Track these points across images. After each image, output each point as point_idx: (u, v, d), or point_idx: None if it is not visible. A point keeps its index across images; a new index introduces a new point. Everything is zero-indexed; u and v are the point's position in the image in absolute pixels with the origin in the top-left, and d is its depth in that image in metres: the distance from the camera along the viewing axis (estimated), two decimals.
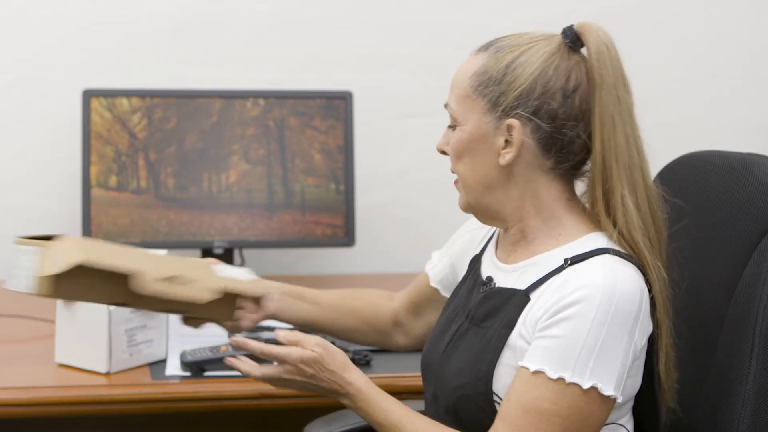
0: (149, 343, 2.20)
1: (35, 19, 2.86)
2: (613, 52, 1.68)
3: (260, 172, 2.76)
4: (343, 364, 1.75)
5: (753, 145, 2.83)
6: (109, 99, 2.72)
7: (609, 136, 1.65)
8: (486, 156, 1.69)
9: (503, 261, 1.76)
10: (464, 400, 1.69)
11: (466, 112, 1.69)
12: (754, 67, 3.14)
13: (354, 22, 2.97)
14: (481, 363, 1.67)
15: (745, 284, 1.71)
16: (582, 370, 1.58)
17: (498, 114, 1.67)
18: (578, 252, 1.66)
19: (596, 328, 1.58)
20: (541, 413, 1.59)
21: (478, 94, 1.68)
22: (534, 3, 2.99)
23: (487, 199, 1.72)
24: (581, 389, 1.58)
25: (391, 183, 3.01)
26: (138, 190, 2.73)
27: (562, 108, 1.65)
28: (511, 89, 1.66)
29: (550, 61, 1.66)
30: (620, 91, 1.67)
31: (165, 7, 2.90)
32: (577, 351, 1.58)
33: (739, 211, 1.77)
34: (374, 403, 1.72)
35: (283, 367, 1.76)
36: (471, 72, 1.69)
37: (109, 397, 2.07)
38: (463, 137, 1.70)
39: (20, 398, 2.03)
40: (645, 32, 3.08)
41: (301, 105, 2.78)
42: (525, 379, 1.61)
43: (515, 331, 1.66)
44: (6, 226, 2.89)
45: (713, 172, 1.86)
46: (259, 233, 2.77)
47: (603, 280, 1.59)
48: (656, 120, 3.05)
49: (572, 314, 1.59)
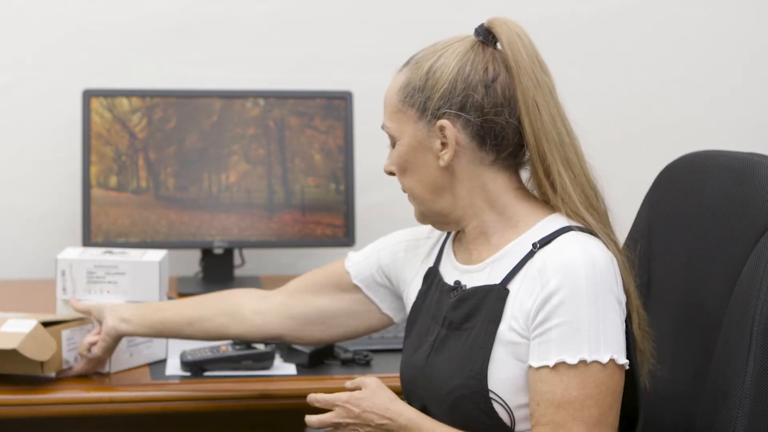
0: (149, 343, 2.20)
1: (35, 19, 2.86)
2: (525, 39, 1.72)
3: (260, 172, 2.76)
4: (389, 398, 1.74)
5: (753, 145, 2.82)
6: (109, 99, 2.72)
7: (535, 118, 1.69)
8: (426, 162, 1.74)
9: (466, 263, 1.77)
10: (461, 402, 1.68)
11: (400, 126, 1.75)
12: (754, 67, 3.14)
13: (354, 22, 2.97)
14: (472, 362, 1.68)
15: (743, 284, 1.71)
16: (596, 347, 1.61)
17: (428, 118, 1.72)
18: (543, 235, 1.69)
19: (591, 303, 1.61)
20: (573, 402, 1.61)
21: (407, 106, 1.74)
22: (534, 3, 2.99)
23: (438, 204, 1.75)
24: (601, 365, 1.61)
25: (391, 183, 2.99)
26: (138, 190, 2.73)
27: (486, 99, 1.69)
28: (435, 92, 1.71)
29: (466, 58, 1.71)
30: (538, 74, 1.70)
31: (165, 7, 2.90)
32: (584, 330, 1.61)
33: (739, 211, 1.77)
34: (430, 429, 1.70)
35: (335, 411, 1.77)
36: (397, 88, 1.76)
37: (109, 398, 2.07)
38: (402, 150, 1.76)
39: (21, 398, 2.03)
40: (645, 32, 3.08)
41: (301, 105, 2.78)
42: (546, 377, 1.62)
43: (503, 324, 1.67)
44: (6, 226, 2.89)
45: (713, 171, 1.86)
46: (259, 233, 2.77)
47: (580, 256, 1.63)
48: (656, 120, 3.09)
49: (563, 298, 1.61)
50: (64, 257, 2.16)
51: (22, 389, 2.03)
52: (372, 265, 1.95)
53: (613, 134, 3.04)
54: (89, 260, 2.16)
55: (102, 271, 2.15)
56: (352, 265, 1.97)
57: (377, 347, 2.28)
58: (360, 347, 2.26)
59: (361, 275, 1.96)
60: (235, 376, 2.13)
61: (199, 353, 2.15)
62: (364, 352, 2.24)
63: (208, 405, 2.09)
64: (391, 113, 1.77)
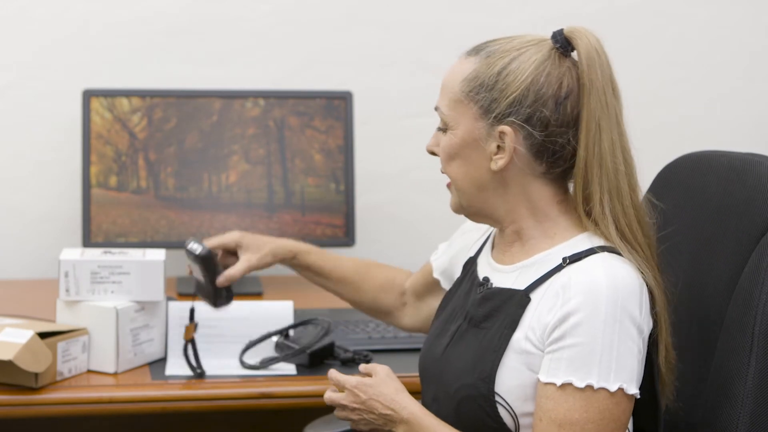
0: (150, 342, 2.20)
1: (35, 19, 2.86)
2: (603, 57, 1.67)
3: (260, 172, 2.76)
4: (396, 390, 1.74)
5: (753, 145, 2.83)
6: (109, 99, 2.72)
7: (594, 142, 1.66)
8: (477, 160, 1.70)
9: (500, 262, 1.77)
10: (467, 402, 1.68)
11: (458, 117, 1.70)
12: (754, 67, 3.14)
13: (354, 22, 2.97)
14: (483, 364, 1.67)
15: (745, 283, 1.71)
16: (606, 374, 1.59)
17: (490, 120, 1.67)
18: (575, 251, 1.67)
19: (609, 328, 1.59)
20: (574, 424, 1.59)
21: (470, 100, 1.69)
22: (534, 3, 2.99)
23: (480, 201, 1.73)
24: (608, 392, 1.59)
25: (391, 183, 3.01)
26: (138, 190, 2.73)
27: (554, 115, 1.66)
28: (504, 96, 1.66)
29: (542, 68, 1.66)
30: (608, 97, 1.67)
31: (165, 7, 2.90)
32: (597, 355, 1.59)
33: (739, 211, 1.77)
34: (431, 427, 1.70)
35: (344, 393, 1.78)
36: (462, 76, 1.70)
37: (109, 397, 2.06)
38: (454, 141, 1.71)
39: (21, 398, 2.03)
40: (645, 32, 3.08)
41: (301, 105, 2.78)
42: (552, 395, 1.61)
43: (519, 332, 1.66)
44: (6, 226, 2.89)
45: (713, 171, 1.86)
46: (259, 233, 2.76)
47: (605, 279, 1.60)
48: (656, 120, 3.09)
49: (581, 320, 1.59)
50: (66, 258, 2.16)
51: (22, 389, 2.03)
52: (448, 259, 1.96)
53: None
54: (93, 261, 2.15)
55: (106, 272, 2.15)
56: (435, 258, 2.01)
57: (377, 347, 2.28)
58: (360, 347, 2.26)
59: (440, 268, 1.99)
60: (234, 376, 2.13)
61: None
62: (364, 352, 2.24)
63: (208, 405, 2.09)
64: (450, 100, 1.71)
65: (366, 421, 1.76)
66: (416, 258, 2.94)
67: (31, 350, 1.99)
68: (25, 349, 1.98)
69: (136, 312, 2.16)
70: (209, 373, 2.14)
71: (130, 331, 2.15)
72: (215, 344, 2.24)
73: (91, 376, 2.12)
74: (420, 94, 2.99)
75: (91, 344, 2.13)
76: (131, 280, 2.16)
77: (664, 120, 3.08)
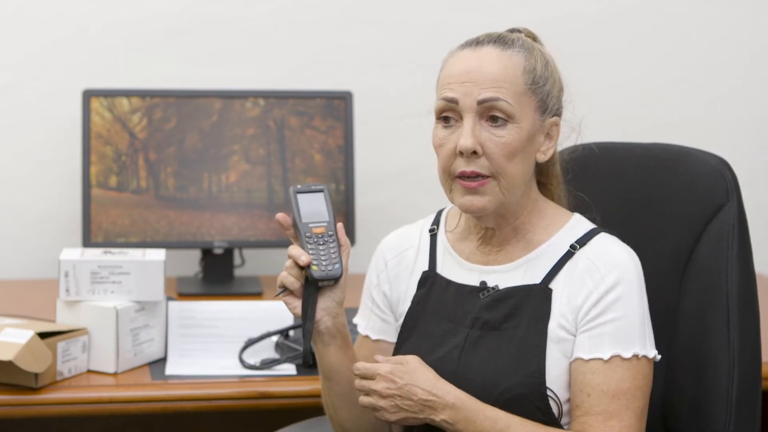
0: (150, 342, 2.20)
1: (35, 19, 2.86)
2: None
3: (260, 172, 2.76)
4: (435, 377, 1.70)
5: (753, 145, 2.84)
6: (109, 99, 2.72)
7: None
8: (532, 154, 1.72)
9: (494, 263, 1.77)
10: (517, 400, 1.68)
11: (523, 109, 1.70)
12: (754, 67, 3.14)
13: (354, 22, 2.97)
14: (527, 361, 1.68)
15: (702, 262, 1.82)
16: (643, 342, 1.68)
17: (546, 112, 1.72)
18: (577, 236, 1.73)
19: (639, 300, 1.69)
20: (626, 393, 1.66)
21: (532, 92, 1.71)
22: (534, 3, 2.99)
23: (516, 196, 1.73)
24: (648, 359, 1.68)
25: (391, 183, 3.01)
26: (138, 190, 2.73)
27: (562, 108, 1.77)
28: (554, 88, 1.73)
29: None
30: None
31: (165, 7, 2.90)
32: (636, 326, 1.68)
33: (678, 199, 1.85)
34: (478, 410, 1.67)
35: (376, 379, 1.70)
36: (520, 69, 1.70)
37: (109, 397, 2.07)
38: (521, 135, 1.69)
39: (21, 398, 2.03)
40: (645, 32, 3.08)
41: (301, 105, 2.78)
42: (599, 369, 1.66)
43: (552, 322, 1.69)
44: (6, 226, 2.89)
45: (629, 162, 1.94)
46: (259, 233, 2.77)
47: (626, 256, 1.71)
48: (656, 120, 3.08)
49: (619, 295, 1.67)
50: (66, 258, 2.16)
51: (22, 389, 2.03)
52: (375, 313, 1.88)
53: (613, 134, 3.03)
54: (93, 261, 2.15)
55: (106, 272, 2.15)
56: (363, 329, 1.89)
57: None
58: None
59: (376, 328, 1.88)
60: (235, 376, 2.13)
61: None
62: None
63: (208, 405, 2.09)
64: (516, 93, 1.69)
65: (398, 407, 1.68)
66: None
67: (31, 350, 1.99)
68: (25, 349, 1.98)
69: (136, 312, 2.16)
70: (209, 373, 2.14)
71: (130, 331, 2.15)
72: (215, 344, 2.24)
73: (91, 376, 2.12)
74: (420, 94, 2.98)
75: (91, 344, 2.13)
76: (131, 280, 2.16)
77: (664, 120, 3.08)
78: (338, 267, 1.75)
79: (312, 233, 1.76)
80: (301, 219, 1.77)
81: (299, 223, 1.77)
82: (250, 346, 2.21)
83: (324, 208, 1.79)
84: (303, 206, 1.78)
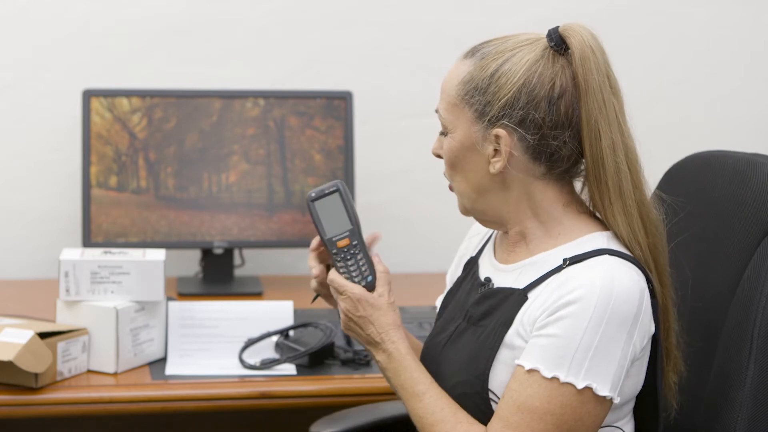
0: (150, 342, 2.20)
1: (35, 19, 2.86)
2: (599, 55, 1.65)
3: (260, 172, 2.76)
4: (394, 323, 1.75)
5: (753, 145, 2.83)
6: (109, 99, 2.72)
7: (593, 142, 1.64)
8: (476, 164, 1.69)
9: (503, 262, 1.77)
10: (462, 399, 1.69)
11: (455, 120, 1.70)
12: (754, 67, 3.14)
13: (354, 22, 2.97)
14: (477, 361, 1.68)
15: (745, 286, 1.71)
16: (577, 371, 1.58)
17: (485, 124, 1.66)
18: (578, 252, 1.66)
19: (592, 329, 1.58)
20: (533, 411, 1.60)
21: (465, 103, 1.68)
22: (534, 3, 2.99)
23: (483, 204, 1.73)
24: (575, 389, 1.59)
25: (391, 183, 3.01)
26: (138, 190, 2.73)
27: (548, 117, 1.64)
28: (496, 99, 1.65)
29: (534, 69, 1.64)
30: (606, 95, 1.64)
31: (165, 7, 2.90)
32: (572, 351, 1.58)
33: (742, 212, 1.77)
34: (408, 368, 1.72)
35: (341, 298, 1.76)
36: (458, 80, 1.69)
37: (109, 397, 2.07)
38: (453, 145, 1.70)
39: (21, 398, 2.03)
40: (645, 32, 3.08)
41: (301, 105, 2.78)
42: (520, 377, 1.61)
43: (512, 329, 1.66)
44: (6, 226, 2.89)
45: (718, 172, 1.86)
46: (259, 233, 2.77)
47: (601, 281, 1.59)
48: (656, 120, 3.09)
49: (569, 313, 1.59)
50: (66, 258, 2.16)
51: (22, 389, 2.04)
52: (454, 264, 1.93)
53: None
54: (93, 261, 2.16)
55: (106, 272, 2.15)
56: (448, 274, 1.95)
57: None
58: (360, 347, 2.26)
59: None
60: (235, 376, 2.13)
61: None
62: (364, 352, 2.23)
63: (208, 405, 2.09)
64: (448, 104, 1.70)
65: (349, 327, 1.77)
66: (416, 258, 2.95)
67: (31, 350, 1.99)
68: (26, 349, 1.98)
69: (136, 312, 2.16)
70: (209, 373, 2.14)
71: (130, 331, 2.15)
72: (215, 344, 2.25)
73: (91, 376, 2.12)
74: (420, 94, 2.99)
75: (91, 344, 2.13)
76: (131, 280, 2.16)
77: (664, 120, 3.08)
78: (371, 280, 1.77)
79: (337, 248, 1.76)
80: (325, 234, 1.77)
81: (324, 239, 1.77)
82: (250, 346, 2.22)
83: (343, 211, 1.77)
84: (323, 217, 1.77)
